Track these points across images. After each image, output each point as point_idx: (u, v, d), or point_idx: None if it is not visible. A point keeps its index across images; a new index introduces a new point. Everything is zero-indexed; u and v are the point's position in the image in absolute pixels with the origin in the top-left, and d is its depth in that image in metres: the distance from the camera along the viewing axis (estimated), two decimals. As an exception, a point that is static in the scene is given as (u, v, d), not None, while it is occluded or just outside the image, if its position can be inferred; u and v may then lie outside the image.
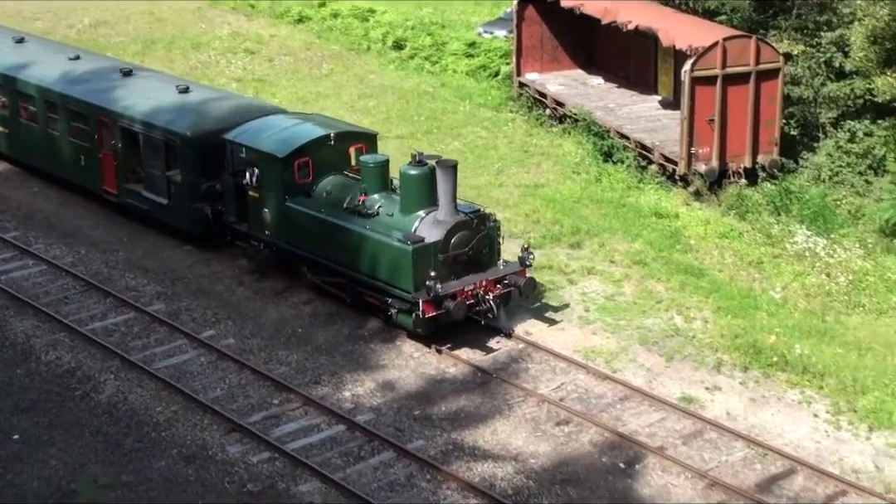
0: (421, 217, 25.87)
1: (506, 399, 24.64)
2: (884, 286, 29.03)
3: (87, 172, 33.22)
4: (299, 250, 27.81)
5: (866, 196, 31.72)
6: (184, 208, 30.47)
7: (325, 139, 28.06)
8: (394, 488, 21.88)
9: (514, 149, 36.89)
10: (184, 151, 30.06)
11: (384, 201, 26.65)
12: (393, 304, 25.97)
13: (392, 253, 25.64)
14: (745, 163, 33.19)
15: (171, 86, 32.90)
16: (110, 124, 31.91)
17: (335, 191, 27.49)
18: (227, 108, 31.40)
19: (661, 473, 22.33)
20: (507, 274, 26.35)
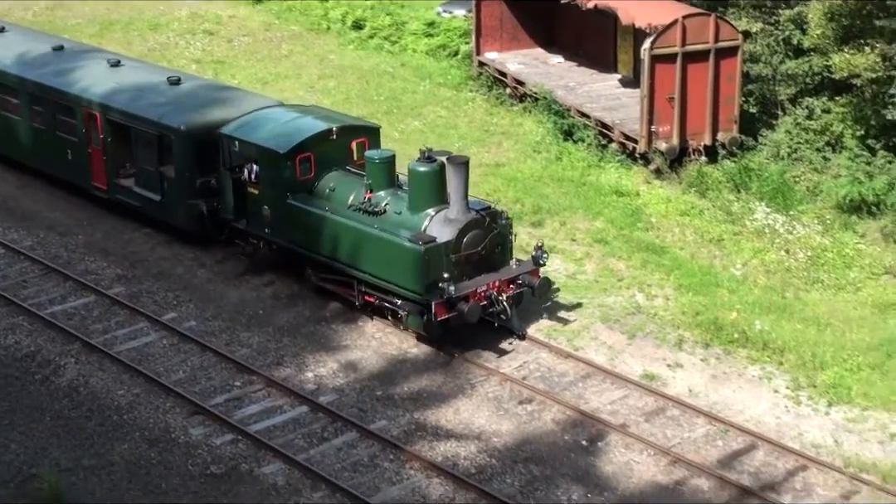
0: (431, 215, 24.96)
1: (468, 378, 24.68)
2: (842, 262, 29.22)
3: (75, 168, 32.04)
4: (302, 250, 26.86)
5: (824, 172, 31.86)
6: (178, 205, 29.41)
7: (326, 133, 27.10)
8: (357, 469, 21.89)
9: (474, 128, 36.85)
10: (178, 146, 29.00)
11: (391, 199, 25.68)
12: (402, 306, 25.08)
13: (402, 253, 24.67)
14: (704, 140, 33.27)
15: (162, 77, 31.85)
16: (98, 118, 30.80)
17: (339, 187, 26.51)
18: (222, 100, 30.46)
19: (623, 450, 22.43)
20: (521, 274, 25.46)
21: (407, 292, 24.80)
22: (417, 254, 24.34)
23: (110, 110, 30.51)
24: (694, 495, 21.22)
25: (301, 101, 37.93)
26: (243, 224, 28.04)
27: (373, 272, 25.42)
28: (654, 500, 21.06)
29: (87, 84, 31.77)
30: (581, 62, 39.62)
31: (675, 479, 21.63)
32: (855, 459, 21.89)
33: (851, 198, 30.31)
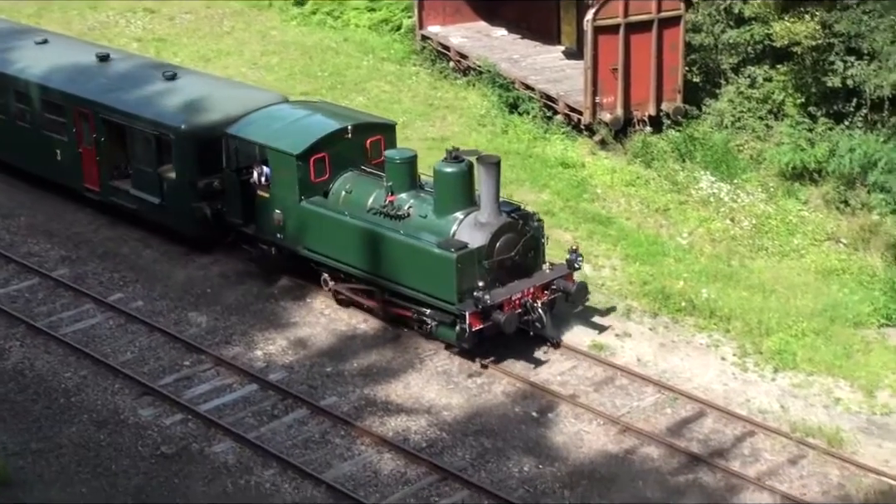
0: (459, 219, 23.67)
1: (417, 353, 24.70)
2: (785, 229, 29.46)
3: (65, 168, 30.46)
4: (318, 256, 25.54)
5: (767, 140, 32.07)
6: (180, 208, 27.86)
7: (341, 132, 25.69)
8: (308, 446, 21.89)
9: (418, 102, 36.78)
10: (178, 146, 27.45)
11: (414, 201, 24.39)
12: (432, 315, 23.84)
13: (432, 260, 23.35)
14: (649, 111, 33.38)
15: (157, 72, 30.30)
16: (91, 116, 29.27)
17: (356, 189, 25.15)
18: (223, 96, 28.95)
19: (573, 421, 22.56)
20: (555, 278, 24.19)
21: (437, 301, 23.52)
22: (449, 261, 23.04)
23: (103, 108, 29.02)
24: (644, 463, 21.38)
25: (244, 77, 37.74)
26: (252, 229, 26.67)
27: (398, 280, 24.13)
28: (605, 469, 21.21)
29: (77, 80, 30.32)
30: (524, 35, 39.60)
31: (625, 448, 21.78)
32: (801, 424, 22.13)
33: (794, 165, 30.54)
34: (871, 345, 24.66)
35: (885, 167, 28.76)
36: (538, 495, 20.55)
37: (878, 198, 28.76)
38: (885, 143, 29.29)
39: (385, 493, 20.65)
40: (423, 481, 20.92)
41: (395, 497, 20.53)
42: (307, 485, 20.83)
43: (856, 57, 30.34)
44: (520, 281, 23.80)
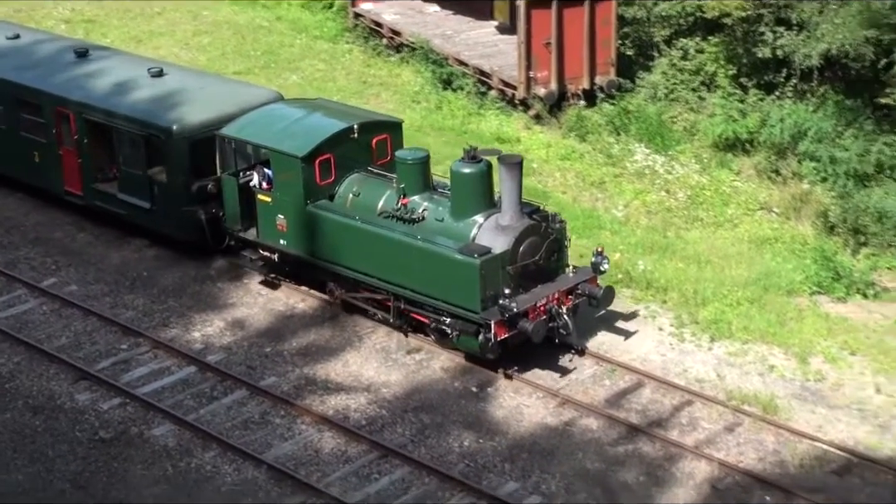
0: (479, 223, 22.56)
1: (356, 331, 24.70)
2: (719, 199, 29.74)
3: (44, 172, 29.03)
4: (325, 263, 24.36)
5: (700, 112, 32.34)
6: (172, 213, 26.65)
7: (347, 132, 24.38)
8: (248, 426, 21.85)
9: (352, 80, 36.71)
10: (170, 148, 26.21)
11: (429, 204, 23.27)
12: (453, 325, 22.66)
13: (453, 267, 22.19)
14: (583, 84, 33.52)
15: (140, 68, 28.92)
16: (72, 116, 27.84)
17: (364, 192, 24.01)
18: (215, 94, 27.80)
19: (513, 395, 22.67)
20: (580, 282, 23.13)
21: (459, 310, 22.35)
22: (473, 268, 21.88)
23: (87, 108, 27.61)
24: (583, 435, 21.54)
25: (176, 58, 37.47)
26: (253, 235, 25.44)
27: (414, 287, 22.98)
28: (545, 441, 21.34)
29: (55, 78, 28.92)
30: (457, 10, 39.62)
31: (564, 421, 21.94)
32: (737, 392, 22.38)
33: (726, 136, 30.84)
34: (804, 312, 24.97)
35: (814, 136, 29.13)
36: (479, 470, 20.66)
37: (809, 167, 29.12)
38: (815, 113, 29.64)
39: (326, 471, 20.67)
40: (363, 459, 20.95)
41: (337, 475, 20.55)
42: (248, 466, 20.79)
43: (785, 27, 30.65)
44: (544, 286, 22.75)
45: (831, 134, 28.98)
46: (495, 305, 21.88)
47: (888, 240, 26.62)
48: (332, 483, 20.36)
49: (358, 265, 23.76)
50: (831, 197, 28.11)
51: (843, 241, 27.31)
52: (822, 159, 28.77)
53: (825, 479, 20.31)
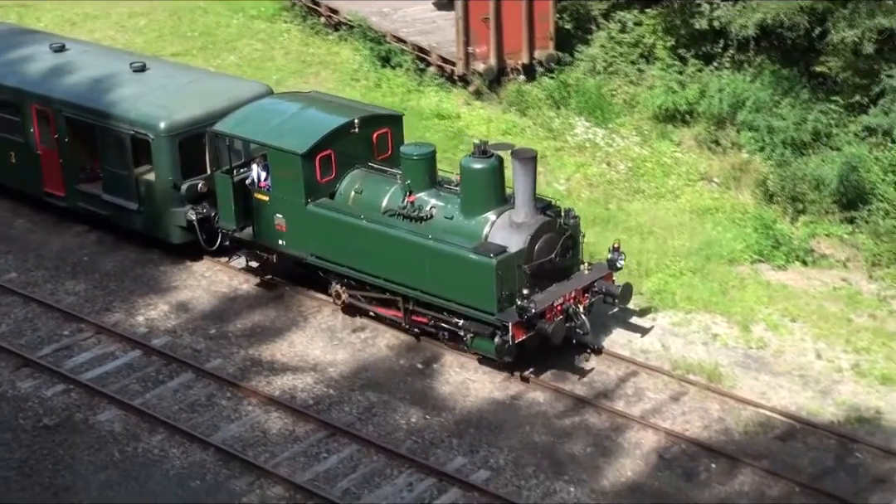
0: (491, 220, 21.77)
1: (301, 311, 24.69)
2: (660, 171, 29.89)
3: (21, 172, 27.96)
4: (328, 263, 23.55)
5: (639, 84, 32.44)
6: (161, 214, 25.74)
7: (348, 127, 23.57)
8: (195, 409, 21.80)
9: (291, 59, 36.53)
10: (158, 147, 25.24)
11: (436, 201, 22.48)
12: (467, 327, 21.89)
13: (467, 267, 21.37)
14: (522, 59, 33.52)
15: (122, 63, 27.79)
16: (51, 114, 26.85)
17: (367, 189, 23.22)
18: (202, 89, 26.80)
19: (458, 370, 22.75)
20: (596, 280, 22.49)
21: (473, 311, 21.62)
22: (489, 268, 21.08)
23: (67, 106, 26.56)
24: (530, 408, 21.67)
25: (113, 41, 37.15)
26: (249, 235, 24.58)
27: (425, 289, 22.15)
28: (492, 416, 21.45)
29: (32, 74, 27.82)
30: (395, -13, 39.46)
31: (511, 395, 22.05)
32: (682, 362, 22.58)
33: (666, 108, 30.96)
34: (746, 281, 25.22)
35: (752, 106, 29.32)
36: (427, 446, 20.73)
37: (747, 136, 29.33)
38: (752, 83, 29.83)
39: (274, 452, 20.66)
40: (311, 438, 20.97)
41: (285, 455, 20.55)
42: (196, 448, 20.75)
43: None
44: (559, 284, 22.05)
45: (769, 103, 29.19)
46: (512, 306, 21.19)
47: (825, 207, 26.90)
48: (281, 463, 20.37)
49: (364, 266, 22.95)
50: (770, 166, 28.35)
51: (782, 209, 27.56)
52: (760, 129, 28.99)
53: (769, 444, 20.57)
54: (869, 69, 27.49)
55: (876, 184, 26.58)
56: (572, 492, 19.58)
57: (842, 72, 27.99)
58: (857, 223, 26.59)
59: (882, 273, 25.48)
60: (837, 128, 28.19)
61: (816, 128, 28.17)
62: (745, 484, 19.68)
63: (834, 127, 28.22)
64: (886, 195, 26.40)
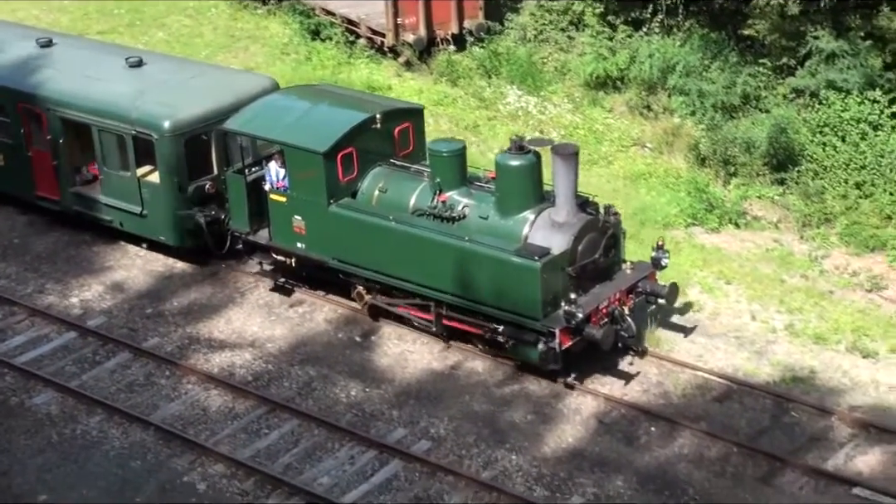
0: (530, 219, 20.62)
1: (237, 287, 24.56)
2: (593, 137, 29.93)
3: (11, 175, 26.58)
4: (352, 267, 22.29)
5: (570, 52, 32.43)
6: (167, 217, 24.39)
7: (369, 122, 22.20)
8: (133, 389, 21.66)
9: (220, 35, 36.18)
10: (162, 147, 23.85)
11: (468, 200, 21.29)
12: (507, 333, 20.76)
13: (509, 270, 20.18)
14: (452, 29, 33.39)
15: (116, 58, 26.30)
16: (41, 114, 25.43)
17: (392, 188, 21.98)
18: (205, 85, 25.32)
19: (397, 342, 22.74)
20: (640, 280, 21.45)
21: (515, 317, 20.49)
22: (533, 271, 19.94)
23: (60, 105, 25.12)
24: (469, 377, 21.71)
25: (37, 20, 36.59)
26: (264, 238, 23.28)
27: (461, 293, 20.95)
28: (431, 386, 21.48)
29: (20, 72, 26.28)
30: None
31: (449, 365, 22.07)
32: (619, 326, 22.68)
33: (597, 75, 30.98)
34: (680, 244, 25.36)
35: (682, 71, 29.42)
36: (367, 418, 20.72)
37: (678, 101, 29.45)
38: (682, 48, 29.92)
39: (215, 429, 20.58)
40: (251, 414, 20.90)
41: (226, 432, 20.47)
42: (135, 428, 20.61)
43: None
44: (603, 286, 21.03)
45: (698, 68, 29.30)
46: (556, 311, 20.17)
47: (756, 169, 27.09)
48: (222, 441, 20.29)
49: (393, 269, 21.75)
50: (701, 130, 28.49)
51: (715, 172, 27.72)
52: (690, 93, 29.11)
53: (707, 406, 20.75)
54: (795, 31, 27.67)
55: (805, 145, 26.82)
56: (514, 459, 19.66)
57: (769, 34, 28.15)
58: (787, 185, 26.82)
59: (812, 233, 25.74)
60: (766, 90, 28.39)
61: (746, 91, 28.34)
62: (684, 446, 19.86)
63: (763, 89, 28.41)
64: (815, 156, 26.65)
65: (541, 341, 20.34)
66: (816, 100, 27.17)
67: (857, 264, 24.71)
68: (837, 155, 26.42)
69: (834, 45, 26.90)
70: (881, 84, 26.66)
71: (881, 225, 25.36)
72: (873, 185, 25.86)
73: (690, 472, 19.30)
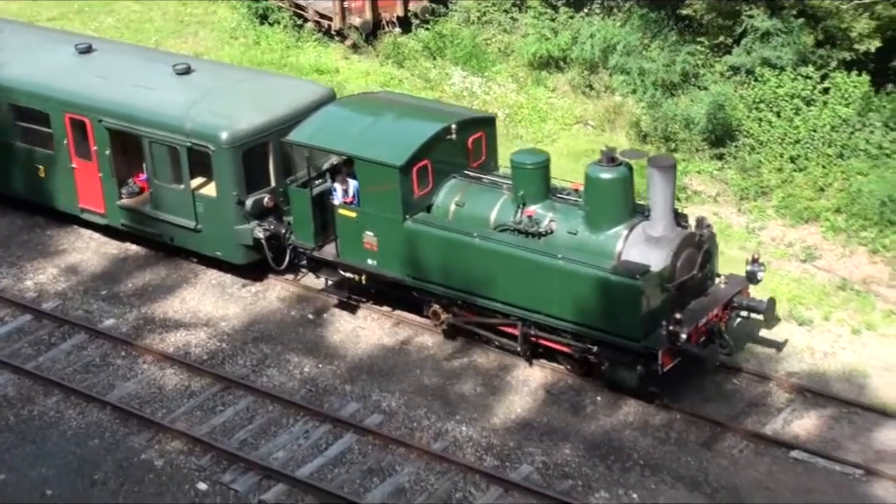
0: (623, 235, 19.45)
1: (191, 268, 24.52)
2: (537, 117, 30.07)
3: (52, 187, 25.08)
4: (433, 286, 21.01)
5: (513, 33, 32.52)
6: (224, 232, 22.99)
7: (444, 133, 20.91)
8: (89, 370, 21.61)
9: (169, 20, 35.99)
10: (220, 160, 22.43)
11: (555, 214, 20.10)
12: (603, 354, 19.58)
13: (605, 289, 18.98)
14: (397, 12, 33.42)
15: (162, 65, 24.75)
16: (89, 124, 23.93)
17: (470, 202, 20.72)
18: (259, 94, 23.89)
19: (349, 319, 22.82)
20: (735, 294, 20.29)
21: (612, 338, 19.28)
22: (634, 290, 18.67)
23: (108, 115, 23.61)
24: (420, 352, 21.84)
25: (-14, 7, 36.23)
26: (330, 254, 22.04)
27: (551, 312, 19.74)
28: (383, 361, 21.59)
29: (63, 80, 24.64)
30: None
31: (400, 340, 22.18)
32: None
33: (540, 55, 31.10)
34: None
35: (623, 50, 29.60)
36: (320, 393, 20.81)
37: (619, 80, 29.63)
38: (622, 28, 30.10)
39: (171, 407, 20.59)
40: (207, 392, 20.92)
41: (182, 410, 20.49)
42: (92, 408, 20.58)
43: (589, -56, 30.99)
44: (698, 301, 19.82)
45: (638, 47, 29.48)
46: (656, 331, 18.98)
47: (696, 145, 27.32)
48: (178, 418, 20.31)
49: (476, 288, 20.49)
50: (642, 107, 28.68)
51: (656, 148, 27.88)
52: (631, 72, 29.29)
53: (650, 375, 20.91)
54: (731, 10, 27.90)
55: (741, 121, 27.07)
56: (464, 430, 19.82)
57: (706, 14, 28.35)
58: (725, 159, 27.07)
59: (749, 206, 26.01)
60: (704, 68, 28.61)
61: (684, 69, 28.55)
62: (629, 414, 20.08)
63: (701, 67, 28.64)
64: (751, 131, 26.92)
65: (639, 363, 19.19)
66: (752, 77, 27.43)
67: (793, 235, 25.03)
68: (773, 130, 26.70)
69: (768, 23, 27.16)
70: (813, 60, 26.96)
71: (814, 197, 25.66)
72: (807, 159, 26.17)
73: (636, 438, 19.54)
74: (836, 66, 26.92)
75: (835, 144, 26.05)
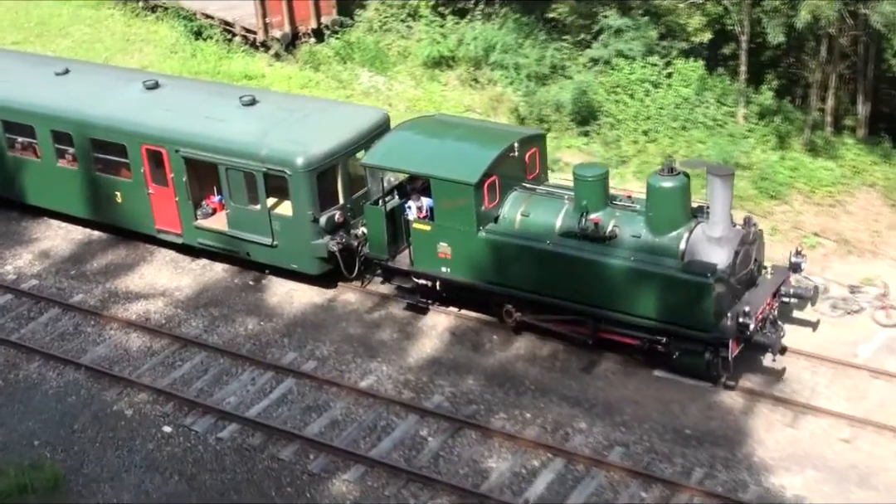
0: (685, 236, 18.61)
1: (147, 248, 24.24)
2: (433, 106, 29.97)
3: (130, 212, 23.68)
4: (507, 289, 19.91)
5: (409, 38, 32.45)
6: (300, 246, 21.82)
7: (508, 151, 20.09)
8: (64, 338, 21.34)
9: (117, 39, 35.31)
10: (296, 184, 21.24)
11: (617, 220, 19.12)
12: (673, 345, 18.69)
13: (677, 286, 18.17)
14: (312, 25, 33.15)
15: (227, 98, 23.31)
16: (165, 154, 22.59)
17: (534, 211, 19.72)
18: (323, 121, 22.42)
19: (284, 282, 22.73)
20: (781, 283, 19.45)
21: (684, 329, 18.43)
22: (705, 287, 17.93)
23: (185, 145, 22.29)
24: (345, 307, 21.88)
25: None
26: (404, 264, 20.91)
27: (624, 309, 18.81)
28: (314, 316, 21.59)
29: (138, 115, 23.17)
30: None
31: (328, 298, 22.16)
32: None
33: (433, 56, 31.12)
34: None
35: (501, 49, 29.73)
36: (263, 346, 20.76)
37: (499, 74, 29.76)
38: (500, 30, 30.22)
39: (136, 365, 20.42)
40: (167, 351, 20.78)
41: (146, 367, 20.33)
42: (69, 370, 20.35)
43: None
44: (752, 292, 19.05)
45: (514, 46, 29.63)
46: (722, 321, 18.27)
47: (566, 125, 27.55)
48: (143, 374, 20.16)
49: (548, 289, 19.47)
50: (519, 95, 28.82)
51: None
52: (508, 67, 29.44)
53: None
54: (589, 12, 28.19)
55: (602, 103, 27.36)
56: (385, 370, 19.92)
57: (569, 16, 28.61)
58: (590, 135, 27.33)
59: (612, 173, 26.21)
60: (569, 61, 28.84)
61: (553, 62, 28.77)
62: (521, 349, 20.30)
63: (567, 60, 28.87)
64: (611, 111, 27.21)
65: (707, 350, 18.49)
66: (609, 66, 27.72)
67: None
68: (628, 109, 27.02)
69: (620, 21, 27.47)
70: (658, 51, 27.34)
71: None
72: (657, 132, 26.53)
73: (527, 368, 19.78)
74: (676, 55, 27.34)
75: (679, 119, 26.46)
